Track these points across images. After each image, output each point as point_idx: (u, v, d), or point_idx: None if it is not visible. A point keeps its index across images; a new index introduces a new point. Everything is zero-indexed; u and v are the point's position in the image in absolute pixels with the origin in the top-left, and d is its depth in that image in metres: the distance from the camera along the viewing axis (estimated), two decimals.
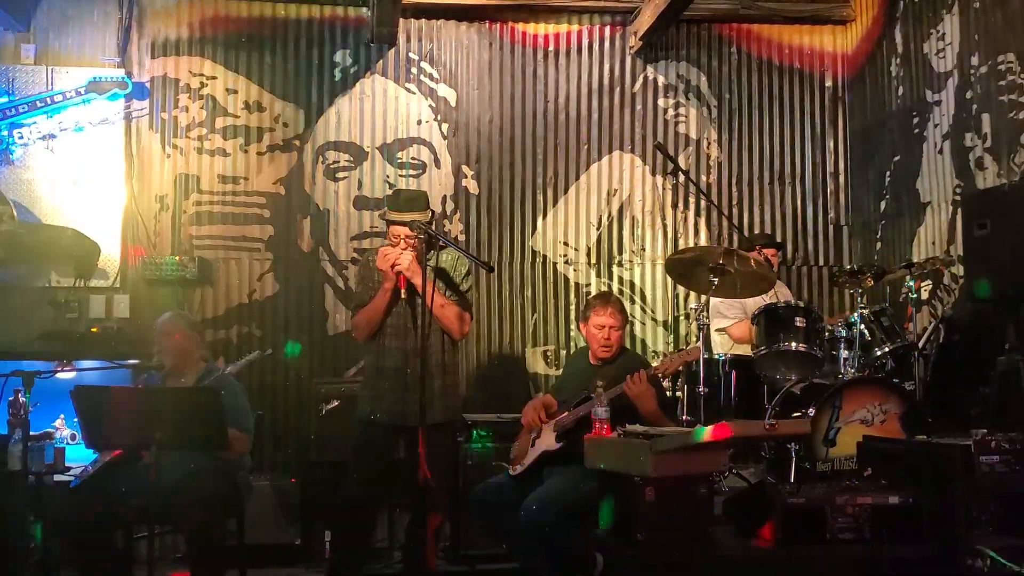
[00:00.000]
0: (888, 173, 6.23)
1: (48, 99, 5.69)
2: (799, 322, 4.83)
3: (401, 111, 6.29)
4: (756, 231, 6.43)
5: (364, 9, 6.15)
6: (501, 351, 6.27)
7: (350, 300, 5.53)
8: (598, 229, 6.44)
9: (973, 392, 4.89)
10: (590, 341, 4.48)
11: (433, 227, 4.19)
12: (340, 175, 6.22)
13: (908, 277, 5.08)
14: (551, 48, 6.46)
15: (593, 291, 6.23)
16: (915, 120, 5.92)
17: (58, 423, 4.75)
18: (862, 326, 4.81)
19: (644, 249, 6.46)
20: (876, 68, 6.38)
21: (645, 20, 6.20)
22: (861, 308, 4.83)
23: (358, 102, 6.26)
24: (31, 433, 4.16)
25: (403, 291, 4.13)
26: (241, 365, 4.39)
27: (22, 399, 4.04)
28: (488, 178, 6.34)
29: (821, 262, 6.64)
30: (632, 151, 6.49)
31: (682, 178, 6.34)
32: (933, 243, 5.73)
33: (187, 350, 4.44)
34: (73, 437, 4.90)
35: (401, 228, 4.18)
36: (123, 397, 4.14)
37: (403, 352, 4.22)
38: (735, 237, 6.33)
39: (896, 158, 6.14)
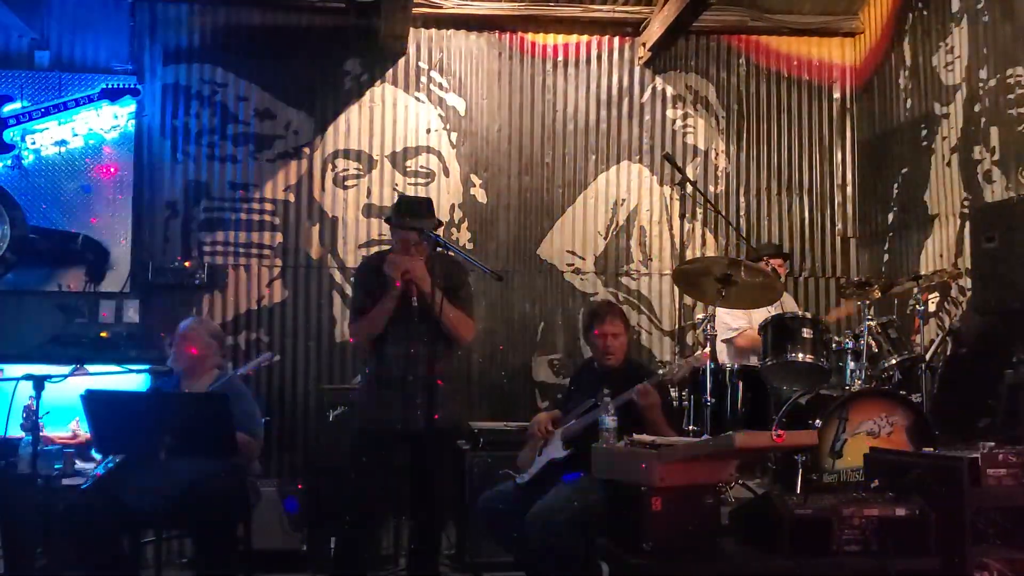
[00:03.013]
0: (896, 185, 6.24)
1: (60, 105, 5.73)
2: (806, 333, 4.83)
3: (410, 120, 6.32)
4: (763, 242, 6.44)
5: (374, 18, 6.17)
6: (508, 359, 6.29)
7: None
8: (605, 239, 6.46)
9: (980, 405, 4.88)
10: (594, 350, 4.49)
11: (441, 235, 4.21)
12: (349, 183, 6.25)
13: (915, 289, 5.08)
14: (560, 58, 6.49)
15: (600, 301, 6.23)
16: (923, 132, 5.93)
17: (72, 425, 4.77)
18: (869, 338, 4.81)
19: (651, 259, 6.47)
20: (884, 80, 6.39)
21: (654, 31, 6.23)
22: (868, 320, 4.84)
23: (367, 110, 6.29)
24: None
25: (415, 299, 4.12)
26: (251, 367, 4.39)
27: (32, 403, 4.06)
28: (496, 187, 6.37)
29: (828, 273, 6.64)
30: (640, 161, 6.51)
31: (690, 188, 6.35)
32: (940, 255, 5.73)
33: (204, 356, 4.45)
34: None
35: (410, 234, 4.18)
36: (133, 402, 4.15)
37: (405, 359, 4.20)
38: (742, 248, 6.34)
39: (904, 170, 6.15)
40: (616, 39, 6.54)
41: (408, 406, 4.13)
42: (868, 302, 4.91)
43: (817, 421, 4.45)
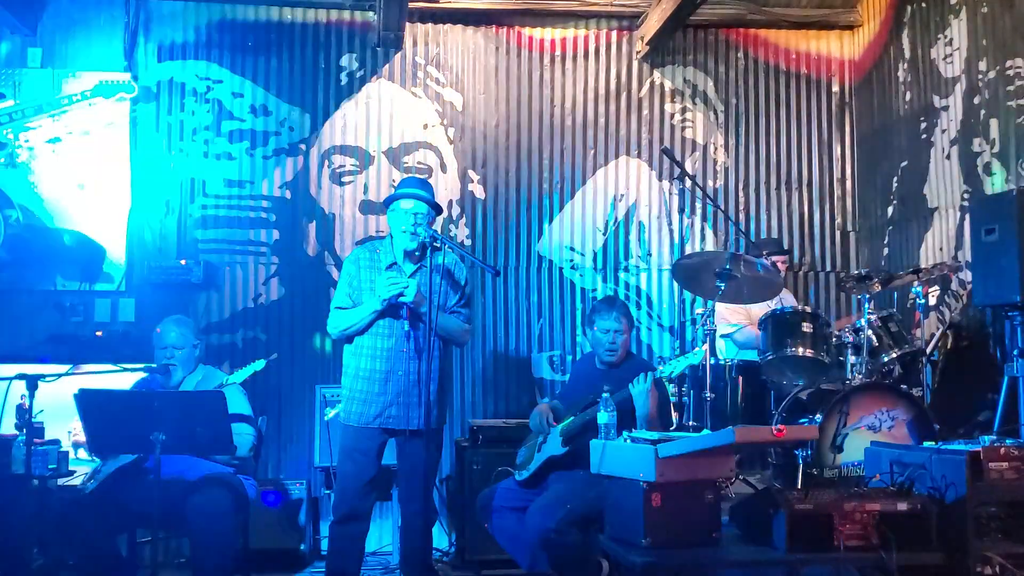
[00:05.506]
0: (895, 178, 6.21)
1: (54, 102, 5.70)
2: (806, 328, 4.81)
3: (407, 115, 6.28)
4: (763, 236, 6.42)
5: (371, 13, 6.15)
6: (507, 356, 6.26)
7: None
8: (604, 234, 6.43)
9: (981, 398, 4.87)
10: (595, 346, 4.46)
11: (440, 231, 4.18)
12: (346, 179, 6.22)
13: (916, 283, 5.06)
14: (557, 53, 6.45)
15: (599, 296, 6.21)
16: (922, 125, 5.90)
17: (74, 425, 4.74)
18: (869, 332, 4.79)
19: (650, 254, 6.44)
20: (883, 73, 6.36)
21: (652, 25, 6.19)
22: (869, 314, 4.81)
23: (364, 106, 6.25)
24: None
25: (407, 322, 4.09)
26: (245, 375, 4.35)
27: (26, 402, 4.03)
28: (494, 183, 6.33)
29: (828, 268, 6.62)
30: (639, 156, 6.48)
31: (688, 183, 6.32)
32: (941, 249, 5.70)
33: (187, 354, 4.45)
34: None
35: (412, 203, 4.15)
36: (128, 401, 4.13)
37: (394, 353, 4.15)
38: (742, 242, 6.32)
39: (903, 163, 6.12)
40: (614, 33, 6.51)
41: (398, 402, 4.11)
42: (868, 296, 4.89)
43: (817, 415, 4.43)
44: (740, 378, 4.90)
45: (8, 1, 5.61)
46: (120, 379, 4.62)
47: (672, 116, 6.54)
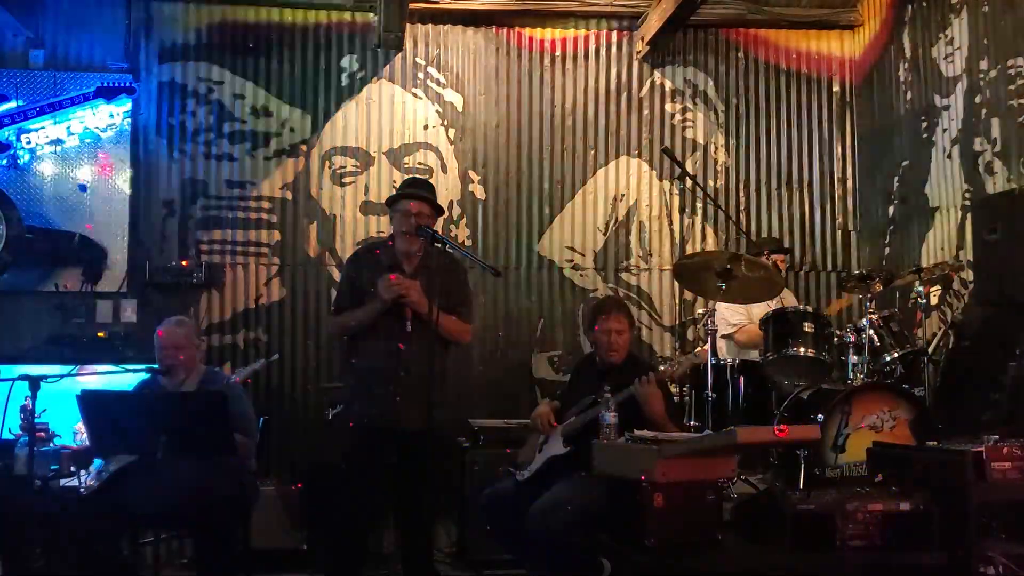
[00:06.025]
0: (896, 178, 6.21)
1: (56, 104, 5.70)
2: (808, 327, 4.80)
3: (408, 116, 6.29)
4: (764, 236, 6.41)
5: (371, 14, 6.15)
6: (508, 356, 6.26)
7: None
8: (605, 234, 6.43)
9: (983, 398, 4.85)
10: (596, 346, 4.45)
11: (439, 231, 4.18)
12: (347, 180, 6.22)
13: (917, 282, 5.05)
14: (558, 53, 6.46)
15: (599, 296, 6.21)
16: (924, 125, 5.90)
17: (78, 427, 4.74)
18: (871, 331, 4.78)
19: (651, 254, 6.44)
20: (884, 73, 6.36)
21: (652, 25, 6.20)
22: (870, 313, 4.80)
23: (365, 107, 6.26)
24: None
25: (409, 323, 4.09)
26: (247, 373, 4.35)
27: (29, 404, 4.03)
28: (495, 183, 6.33)
29: (829, 267, 6.61)
30: (639, 156, 6.48)
31: (689, 183, 6.32)
32: (942, 248, 5.70)
33: (188, 355, 4.44)
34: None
35: (414, 204, 4.15)
36: (130, 402, 4.13)
37: (396, 354, 4.15)
38: (743, 242, 6.31)
39: (904, 163, 6.12)
40: (614, 33, 6.51)
41: (398, 403, 4.10)
42: (869, 295, 4.88)
43: (819, 415, 4.42)
44: (741, 378, 4.89)
45: (11, 3, 5.62)
46: (122, 380, 4.62)
47: (672, 116, 6.54)
